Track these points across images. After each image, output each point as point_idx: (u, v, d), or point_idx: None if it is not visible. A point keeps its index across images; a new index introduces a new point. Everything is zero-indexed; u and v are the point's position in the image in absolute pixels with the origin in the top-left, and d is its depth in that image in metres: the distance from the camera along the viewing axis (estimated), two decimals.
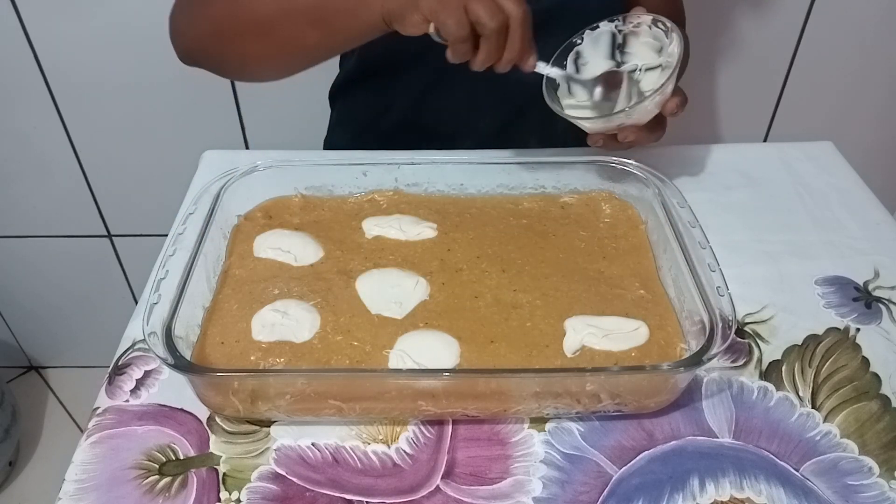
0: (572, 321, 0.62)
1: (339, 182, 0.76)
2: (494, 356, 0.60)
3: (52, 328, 1.68)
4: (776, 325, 0.68)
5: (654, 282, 0.67)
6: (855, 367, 0.64)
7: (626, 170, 0.74)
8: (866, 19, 1.22)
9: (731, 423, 0.60)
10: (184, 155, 0.97)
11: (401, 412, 0.59)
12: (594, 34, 0.77)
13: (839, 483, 0.56)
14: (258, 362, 0.59)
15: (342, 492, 0.55)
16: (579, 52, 0.77)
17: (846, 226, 0.79)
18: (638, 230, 0.73)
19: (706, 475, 0.56)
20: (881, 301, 0.70)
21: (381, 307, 0.64)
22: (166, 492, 0.55)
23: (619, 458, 0.57)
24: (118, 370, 0.64)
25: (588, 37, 0.77)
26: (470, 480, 0.56)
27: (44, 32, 1.20)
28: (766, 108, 1.34)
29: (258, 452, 0.58)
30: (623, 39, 0.77)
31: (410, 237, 0.71)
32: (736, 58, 1.25)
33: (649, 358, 0.59)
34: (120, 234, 1.50)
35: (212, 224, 0.66)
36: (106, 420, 0.60)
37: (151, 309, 0.57)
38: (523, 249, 0.70)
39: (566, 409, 0.59)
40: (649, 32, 0.75)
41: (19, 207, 1.44)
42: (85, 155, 1.36)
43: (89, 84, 1.26)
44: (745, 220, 0.79)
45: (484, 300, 0.65)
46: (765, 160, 0.89)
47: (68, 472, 0.56)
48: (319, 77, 0.99)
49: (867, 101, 1.34)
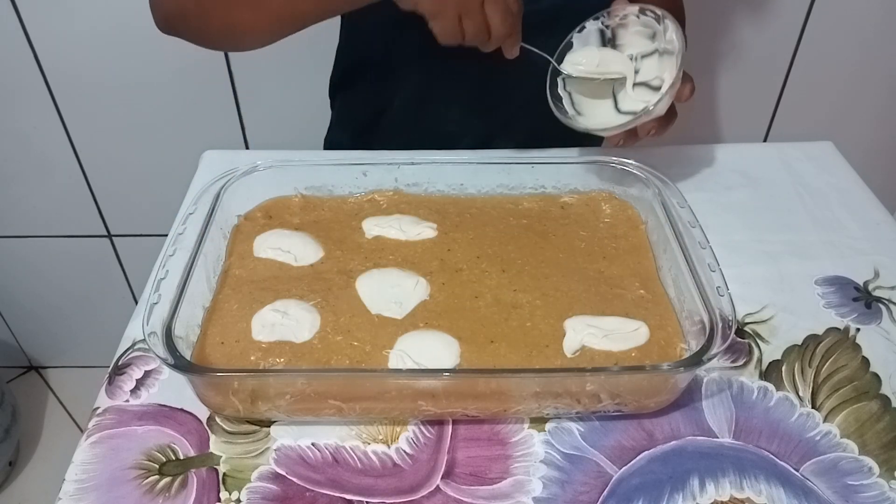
0: (572, 321, 0.62)
1: (339, 182, 0.76)
2: (494, 356, 0.60)
3: (52, 328, 1.68)
4: (776, 325, 0.68)
5: (654, 282, 0.67)
6: (855, 367, 0.64)
7: (626, 170, 0.74)
8: (866, 19, 1.22)
9: (731, 423, 0.60)
10: (184, 155, 0.97)
11: (401, 412, 0.59)
12: (582, 35, 0.77)
13: (839, 483, 0.56)
14: (258, 362, 0.59)
15: (342, 492, 0.55)
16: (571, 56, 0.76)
17: (846, 226, 0.79)
18: (638, 230, 0.73)
19: (706, 475, 0.56)
20: (881, 301, 0.70)
21: (381, 307, 0.64)
22: (166, 492, 0.55)
23: (619, 458, 0.57)
24: (118, 370, 0.64)
25: (577, 39, 0.77)
26: (470, 480, 0.56)
27: (44, 32, 1.20)
28: (766, 108, 1.34)
29: (258, 452, 0.58)
30: (612, 34, 0.77)
31: (410, 237, 0.71)
32: (736, 58, 1.25)
33: (649, 358, 0.59)
34: (120, 234, 1.50)
35: (212, 224, 0.66)
36: (106, 420, 0.60)
37: (151, 309, 0.57)
38: (523, 249, 0.70)
39: (566, 409, 0.59)
40: (637, 22, 0.75)
41: (19, 207, 1.44)
42: (85, 155, 1.36)
43: (89, 84, 1.26)
44: (745, 220, 0.79)
45: (484, 300, 0.65)
46: (765, 160, 0.89)
47: (68, 472, 0.56)
48: (319, 77, 0.99)
49: (867, 101, 1.34)
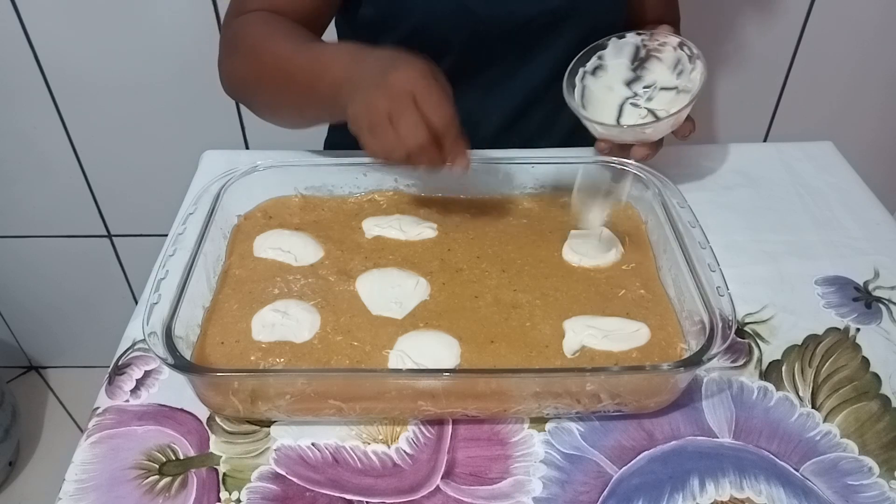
0: (572, 322, 0.62)
1: (339, 182, 0.76)
2: (494, 356, 0.60)
3: (52, 328, 1.68)
4: (776, 325, 0.68)
5: (654, 282, 0.67)
6: (855, 367, 0.64)
7: (626, 170, 0.74)
8: (866, 19, 1.22)
9: (731, 423, 0.60)
10: (184, 155, 0.97)
11: (401, 412, 0.59)
12: (619, 43, 0.78)
13: (839, 483, 0.56)
14: (258, 362, 0.59)
15: (342, 492, 0.55)
16: (602, 55, 0.78)
17: (846, 226, 0.79)
18: (638, 230, 0.73)
19: (706, 475, 0.56)
20: (881, 301, 0.70)
21: (382, 307, 0.64)
22: (166, 492, 0.55)
23: (619, 458, 0.57)
24: (118, 370, 0.64)
25: (613, 44, 0.78)
26: (470, 480, 0.56)
27: (44, 32, 1.20)
28: (766, 108, 1.34)
29: (258, 452, 0.58)
30: (646, 55, 0.78)
31: (410, 237, 0.71)
32: (736, 58, 1.25)
33: (649, 358, 0.59)
34: (120, 234, 1.50)
35: (212, 224, 0.66)
36: (106, 420, 0.60)
37: (151, 309, 0.57)
38: (523, 249, 0.70)
39: (566, 409, 0.59)
40: (673, 54, 0.76)
41: (19, 207, 1.44)
42: (85, 155, 1.36)
43: (89, 84, 1.25)
44: (745, 220, 0.79)
45: (484, 300, 0.65)
46: (765, 160, 0.89)
47: (68, 472, 0.56)
48: None
49: (867, 101, 1.34)
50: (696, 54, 0.75)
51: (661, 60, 0.77)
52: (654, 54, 0.78)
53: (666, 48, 0.77)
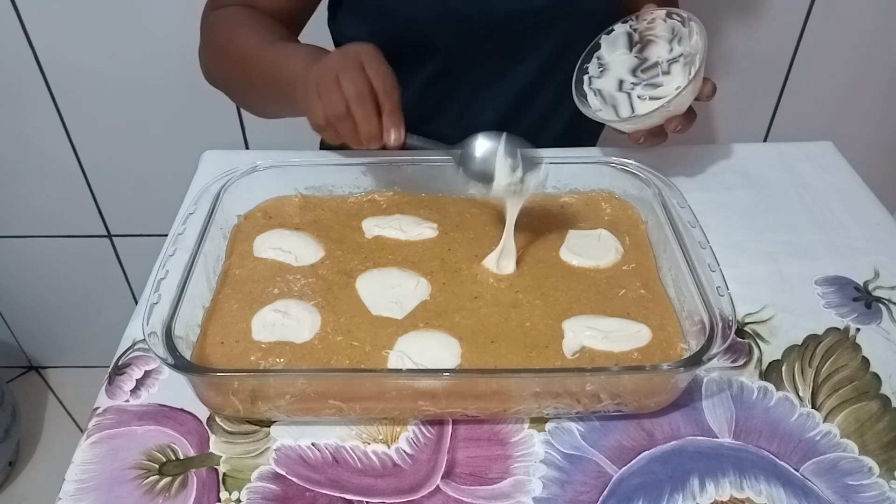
0: (571, 323, 0.62)
1: (338, 182, 0.76)
2: (494, 356, 0.60)
3: (52, 328, 1.68)
4: (776, 325, 0.68)
5: (654, 282, 0.67)
6: (855, 367, 0.64)
7: (626, 170, 0.74)
8: (866, 19, 1.23)
9: (731, 423, 0.60)
10: (184, 155, 0.97)
11: (401, 412, 0.59)
12: (610, 38, 0.78)
13: (839, 483, 0.56)
14: (258, 362, 0.59)
15: (342, 492, 0.55)
16: (599, 55, 0.78)
17: (846, 226, 0.79)
18: (638, 230, 0.73)
19: (706, 475, 0.56)
20: (881, 301, 0.70)
21: (382, 307, 0.64)
22: (166, 492, 0.55)
23: (619, 458, 0.57)
24: (118, 370, 0.64)
25: (605, 41, 0.78)
26: (470, 480, 0.56)
27: (44, 32, 1.20)
28: (766, 108, 1.34)
29: (258, 452, 0.58)
30: (639, 38, 0.77)
31: (411, 237, 0.71)
32: (736, 58, 1.25)
33: (649, 359, 0.59)
34: (120, 234, 1.50)
35: (212, 224, 0.66)
36: (106, 420, 0.60)
37: (151, 309, 0.57)
38: (523, 249, 0.70)
39: (566, 409, 0.59)
40: (664, 26, 0.76)
41: (19, 207, 1.44)
42: (85, 155, 1.36)
43: (89, 84, 1.26)
44: (745, 220, 0.79)
45: (484, 300, 0.65)
46: (765, 160, 0.88)
47: (68, 472, 0.56)
48: None
49: (867, 101, 1.34)
50: (687, 17, 0.74)
51: (657, 37, 0.77)
52: (647, 35, 0.77)
53: (656, 23, 0.76)
